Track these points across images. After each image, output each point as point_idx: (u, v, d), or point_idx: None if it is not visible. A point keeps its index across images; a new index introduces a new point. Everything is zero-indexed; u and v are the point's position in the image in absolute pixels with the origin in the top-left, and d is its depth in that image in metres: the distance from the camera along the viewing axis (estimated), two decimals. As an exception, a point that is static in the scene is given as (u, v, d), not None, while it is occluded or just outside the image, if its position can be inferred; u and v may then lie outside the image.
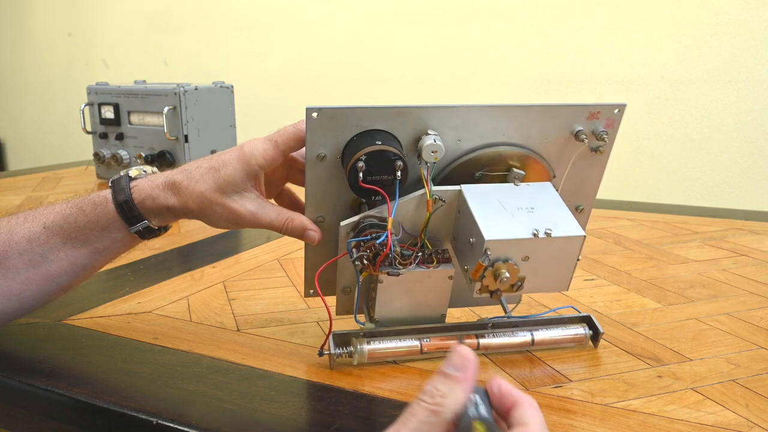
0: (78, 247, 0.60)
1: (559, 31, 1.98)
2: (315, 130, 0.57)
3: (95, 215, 0.60)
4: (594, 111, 0.59)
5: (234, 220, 0.59)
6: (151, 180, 0.60)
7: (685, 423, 0.51)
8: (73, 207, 0.60)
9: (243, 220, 0.59)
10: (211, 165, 0.59)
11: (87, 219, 0.60)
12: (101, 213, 0.60)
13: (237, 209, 0.58)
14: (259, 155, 0.59)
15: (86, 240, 0.60)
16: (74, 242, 0.60)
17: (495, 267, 0.53)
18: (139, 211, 0.59)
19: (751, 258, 0.93)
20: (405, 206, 0.58)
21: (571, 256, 0.55)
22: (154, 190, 0.59)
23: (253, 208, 0.59)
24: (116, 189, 0.60)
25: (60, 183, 1.53)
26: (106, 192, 0.60)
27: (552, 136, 0.60)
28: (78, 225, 0.60)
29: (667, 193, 1.90)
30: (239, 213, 0.58)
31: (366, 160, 0.55)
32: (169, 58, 2.68)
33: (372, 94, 2.30)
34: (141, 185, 0.60)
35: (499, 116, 0.59)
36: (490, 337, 0.61)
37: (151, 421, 0.51)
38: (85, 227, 0.60)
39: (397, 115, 0.57)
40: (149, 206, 0.60)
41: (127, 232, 0.60)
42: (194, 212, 0.59)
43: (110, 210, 0.59)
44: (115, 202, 0.59)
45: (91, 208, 0.60)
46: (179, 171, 0.60)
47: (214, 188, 0.58)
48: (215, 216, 0.59)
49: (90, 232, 0.60)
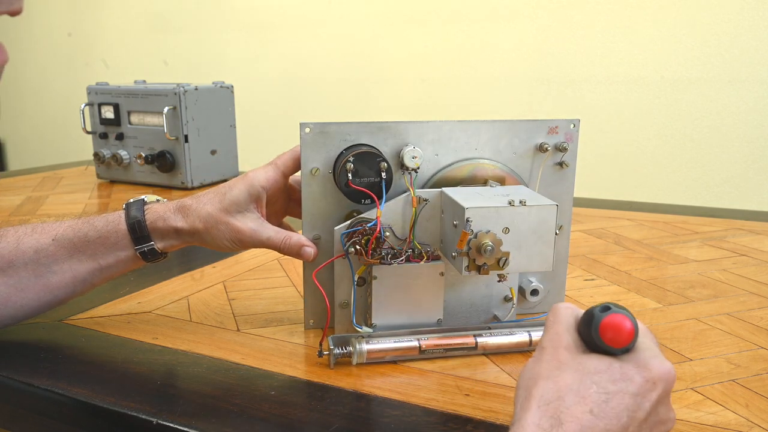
0: (83, 261, 0.62)
1: (559, 31, 1.98)
2: (308, 144, 0.63)
3: (106, 231, 0.63)
4: (552, 126, 0.66)
5: (236, 237, 0.63)
6: (164, 204, 0.65)
7: (685, 423, 0.51)
8: (85, 222, 0.63)
9: (244, 236, 0.63)
10: (218, 190, 0.64)
11: (98, 234, 0.63)
12: (112, 230, 0.63)
13: (239, 227, 0.63)
14: (261, 176, 0.64)
15: (92, 255, 0.63)
16: (80, 256, 0.62)
17: (478, 237, 0.56)
18: (148, 231, 0.63)
19: (751, 258, 0.93)
20: (393, 209, 0.62)
21: (549, 228, 0.58)
22: (166, 212, 0.64)
23: (254, 225, 0.63)
24: (130, 209, 0.64)
25: (60, 183, 1.53)
26: (119, 212, 0.64)
27: (519, 150, 0.67)
28: (87, 239, 0.62)
29: (667, 193, 1.90)
30: (241, 230, 0.63)
31: (354, 161, 0.61)
32: (169, 58, 2.68)
33: (372, 95, 2.30)
34: (154, 207, 0.65)
35: (470, 131, 0.65)
36: (488, 336, 0.62)
37: (151, 421, 0.51)
38: (94, 242, 0.62)
39: (379, 129, 0.63)
40: (159, 227, 0.63)
41: (133, 251, 0.63)
42: (200, 232, 0.63)
43: (122, 228, 0.63)
44: (127, 220, 0.63)
45: (103, 225, 0.63)
46: (190, 197, 0.65)
47: (219, 208, 0.63)
48: (219, 235, 0.63)
49: (98, 248, 0.63)
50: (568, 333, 0.42)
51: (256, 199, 0.64)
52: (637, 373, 0.39)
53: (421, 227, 0.63)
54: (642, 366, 0.40)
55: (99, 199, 1.34)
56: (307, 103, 2.42)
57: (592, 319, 0.41)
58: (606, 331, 0.40)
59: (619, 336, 0.40)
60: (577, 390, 0.38)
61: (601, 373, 0.39)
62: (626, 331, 0.40)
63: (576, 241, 1.01)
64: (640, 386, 0.39)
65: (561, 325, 0.43)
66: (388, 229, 0.62)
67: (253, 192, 0.63)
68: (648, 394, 0.39)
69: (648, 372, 0.39)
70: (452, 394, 0.55)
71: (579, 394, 0.38)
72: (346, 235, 0.61)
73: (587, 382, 0.39)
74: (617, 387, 0.39)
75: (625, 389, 0.39)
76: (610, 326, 0.40)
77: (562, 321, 0.43)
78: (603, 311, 0.40)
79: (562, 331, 0.42)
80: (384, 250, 0.61)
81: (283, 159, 0.66)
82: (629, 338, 0.40)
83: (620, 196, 1.52)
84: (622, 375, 0.39)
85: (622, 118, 1.94)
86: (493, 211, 0.56)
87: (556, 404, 0.38)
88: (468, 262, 0.57)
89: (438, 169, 0.65)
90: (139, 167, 1.45)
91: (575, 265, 0.89)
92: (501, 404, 0.53)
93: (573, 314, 0.44)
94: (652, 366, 0.40)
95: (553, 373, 0.39)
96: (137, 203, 0.65)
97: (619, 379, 0.39)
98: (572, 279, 0.83)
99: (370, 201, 0.63)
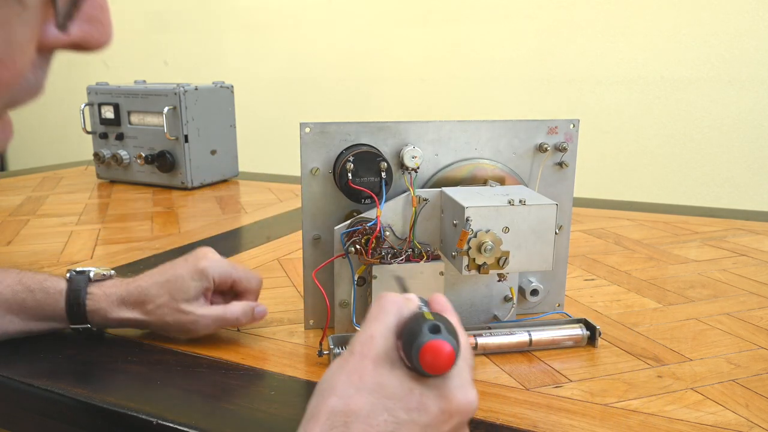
0: (14, 323, 0.62)
1: (559, 31, 1.98)
2: (308, 144, 0.63)
3: (45, 302, 0.62)
4: (552, 126, 0.66)
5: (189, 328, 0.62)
6: (106, 294, 0.63)
7: (685, 423, 0.51)
8: (25, 288, 0.62)
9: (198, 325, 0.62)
10: (167, 279, 0.62)
11: (35, 303, 0.62)
12: (51, 303, 0.62)
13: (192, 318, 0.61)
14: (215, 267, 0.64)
15: (26, 320, 0.62)
16: (13, 318, 0.62)
17: (478, 237, 0.56)
18: (86, 316, 0.62)
19: (751, 258, 0.93)
20: (393, 208, 0.62)
21: (548, 227, 0.58)
22: (109, 305, 0.62)
23: (203, 311, 0.62)
24: (71, 288, 0.62)
25: (60, 183, 1.53)
26: (61, 284, 0.62)
27: (519, 150, 0.67)
28: (24, 305, 0.62)
29: (667, 193, 1.90)
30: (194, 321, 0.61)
31: (354, 161, 0.61)
32: (169, 58, 2.68)
33: (372, 95, 2.30)
34: (96, 296, 0.62)
35: (470, 131, 0.65)
36: (488, 336, 0.62)
37: (151, 421, 0.51)
38: (30, 308, 0.62)
39: (379, 129, 0.63)
40: (98, 317, 0.62)
41: (67, 324, 0.63)
42: (141, 323, 0.63)
43: (60, 306, 0.62)
44: (66, 302, 0.62)
45: (42, 296, 0.62)
46: (135, 286, 0.63)
47: (169, 300, 0.61)
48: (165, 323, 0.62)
49: (32, 316, 0.62)
50: (383, 338, 0.40)
51: (206, 289, 0.63)
52: (435, 404, 0.38)
53: (421, 227, 0.63)
54: (443, 396, 0.38)
55: (99, 199, 1.34)
56: (307, 103, 2.42)
57: (415, 338, 0.38)
58: (425, 355, 0.37)
59: (437, 363, 0.37)
60: (366, 416, 0.37)
61: (397, 399, 0.38)
62: (444, 360, 0.37)
63: (576, 241, 1.01)
64: (434, 417, 0.38)
65: (379, 324, 0.40)
66: (388, 229, 0.62)
67: (205, 284, 0.62)
68: (440, 425, 0.38)
69: (447, 403, 0.38)
70: (452, 394, 0.55)
71: (367, 422, 0.37)
72: (346, 235, 0.61)
73: (379, 408, 0.37)
74: (409, 417, 0.37)
75: (417, 419, 0.38)
76: (430, 351, 0.37)
77: (383, 320, 0.40)
78: (432, 331, 0.37)
79: (378, 335, 0.40)
80: (384, 250, 0.61)
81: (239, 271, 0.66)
82: (447, 367, 0.37)
83: (620, 196, 1.52)
84: (418, 404, 0.38)
85: (622, 118, 1.94)
86: (493, 210, 0.56)
87: (341, 430, 0.36)
88: (468, 262, 0.57)
89: (438, 169, 0.65)
90: (139, 167, 1.45)
91: (575, 265, 0.89)
92: (501, 404, 0.53)
93: (398, 311, 0.41)
94: (453, 397, 0.38)
95: (348, 392, 0.38)
96: (81, 280, 0.63)
97: (414, 408, 0.38)
98: (572, 279, 0.83)
99: (370, 201, 0.63)
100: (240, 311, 0.63)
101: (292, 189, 1.44)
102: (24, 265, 0.87)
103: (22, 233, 1.07)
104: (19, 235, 1.06)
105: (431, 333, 0.37)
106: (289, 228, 1.09)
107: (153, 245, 0.99)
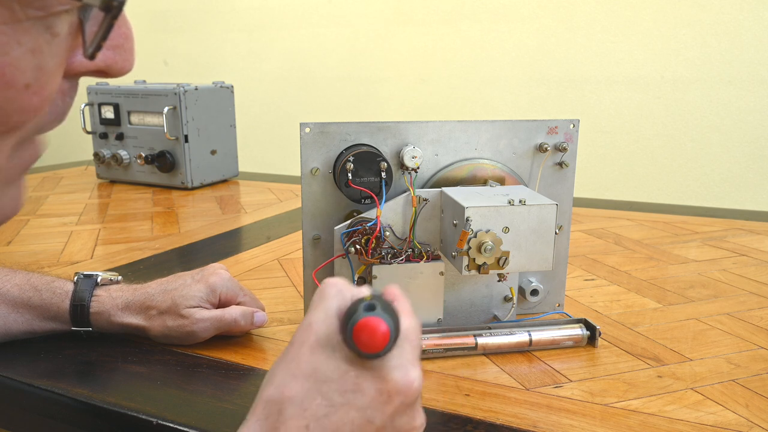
0: (19, 323, 0.62)
1: (559, 31, 1.98)
2: (308, 144, 0.63)
3: (50, 302, 0.62)
4: (552, 126, 0.66)
5: (183, 327, 0.62)
6: (112, 297, 0.63)
7: (685, 423, 0.51)
8: (32, 287, 0.63)
9: (193, 325, 0.62)
10: (174, 287, 0.63)
11: (41, 302, 0.62)
12: (56, 303, 0.62)
13: (196, 325, 0.62)
14: (221, 280, 0.64)
15: (30, 320, 0.63)
16: (17, 317, 0.62)
17: (478, 237, 0.56)
18: (89, 319, 0.63)
19: (751, 258, 0.93)
20: (393, 208, 0.63)
21: (548, 227, 0.58)
22: (113, 308, 0.63)
23: (202, 314, 0.62)
24: (78, 289, 0.63)
25: (60, 183, 1.53)
26: (68, 286, 0.63)
27: (519, 150, 0.67)
28: (30, 304, 0.62)
29: (667, 193, 1.90)
30: (188, 318, 0.62)
31: (354, 161, 0.61)
32: (169, 58, 2.68)
33: (372, 94, 2.30)
34: (102, 299, 0.63)
35: (470, 131, 0.65)
36: (488, 336, 0.62)
37: (151, 421, 0.51)
38: (35, 308, 0.62)
39: (379, 129, 0.63)
40: (101, 321, 0.63)
41: (69, 326, 0.63)
42: (143, 329, 0.63)
43: (64, 307, 0.62)
44: (71, 303, 0.62)
45: (48, 296, 0.63)
46: (142, 292, 0.63)
47: (171, 305, 0.62)
48: (167, 328, 0.62)
49: (36, 315, 0.63)
50: (323, 323, 0.38)
51: (210, 301, 0.63)
52: (371, 385, 0.37)
53: (421, 227, 0.63)
54: (379, 377, 0.37)
55: (99, 199, 1.34)
56: (307, 103, 2.42)
57: (350, 318, 0.37)
58: (360, 334, 0.36)
59: (372, 341, 0.36)
60: (300, 402, 0.36)
61: (332, 382, 0.37)
62: (379, 337, 0.36)
63: (576, 241, 1.01)
64: (371, 399, 0.37)
65: (319, 311, 0.39)
66: (387, 229, 0.62)
67: (210, 296, 0.63)
68: (382, 407, 0.37)
69: (384, 383, 0.37)
70: (452, 394, 0.55)
71: (301, 406, 0.36)
72: (346, 235, 0.61)
73: (313, 392, 0.37)
74: (344, 399, 0.36)
75: (352, 401, 0.37)
76: (365, 329, 0.36)
77: (322, 306, 0.39)
78: (366, 310, 0.37)
79: (318, 321, 0.39)
80: (384, 250, 0.61)
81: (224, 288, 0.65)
82: (382, 345, 0.36)
83: (620, 196, 1.52)
84: (354, 386, 0.37)
85: (623, 118, 1.94)
86: (493, 210, 0.56)
87: (275, 417, 0.36)
88: (468, 262, 0.57)
89: (438, 169, 0.66)
90: (139, 167, 1.45)
91: (575, 265, 0.89)
92: (501, 404, 0.53)
93: (340, 296, 0.40)
94: (391, 377, 0.37)
95: (284, 381, 0.37)
96: (88, 283, 0.63)
97: (349, 390, 0.37)
98: (572, 279, 0.83)
99: (370, 201, 0.63)
100: (239, 313, 0.63)
101: (292, 189, 1.44)
102: (23, 266, 0.87)
103: (22, 233, 1.07)
104: (19, 235, 1.06)
105: (366, 311, 0.36)
106: (289, 228, 1.09)
107: (153, 245, 0.99)
